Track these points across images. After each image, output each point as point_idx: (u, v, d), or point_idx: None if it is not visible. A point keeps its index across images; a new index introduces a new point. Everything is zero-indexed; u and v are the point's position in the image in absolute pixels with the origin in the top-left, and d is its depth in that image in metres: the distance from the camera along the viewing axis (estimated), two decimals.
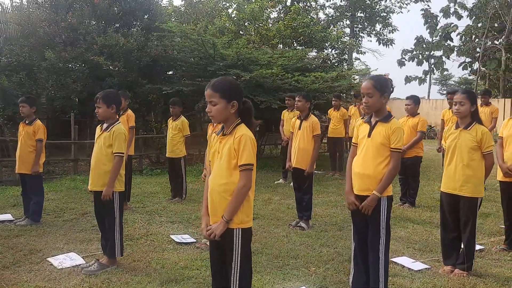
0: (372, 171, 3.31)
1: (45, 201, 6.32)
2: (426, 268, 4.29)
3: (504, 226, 5.01)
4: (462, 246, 4.14)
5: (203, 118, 13.27)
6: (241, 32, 13.96)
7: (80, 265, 4.26)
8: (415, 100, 6.93)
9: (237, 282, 2.72)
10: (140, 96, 11.25)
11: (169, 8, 13.17)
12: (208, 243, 4.87)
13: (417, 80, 37.90)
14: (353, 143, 3.58)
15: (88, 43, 10.76)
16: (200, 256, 4.62)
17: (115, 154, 4.13)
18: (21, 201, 6.14)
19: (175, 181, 7.31)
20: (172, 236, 5.25)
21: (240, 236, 2.71)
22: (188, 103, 10.63)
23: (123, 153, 4.16)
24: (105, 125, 4.24)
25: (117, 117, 4.30)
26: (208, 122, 14.29)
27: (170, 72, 13.01)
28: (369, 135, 3.37)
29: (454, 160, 4.04)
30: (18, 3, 12.08)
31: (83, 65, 10.87)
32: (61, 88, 10.59)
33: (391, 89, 3.36)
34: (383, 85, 3.32)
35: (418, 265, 4.34)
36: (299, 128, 5.79)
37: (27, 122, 5.79)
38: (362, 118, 3.52)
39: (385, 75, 4.18)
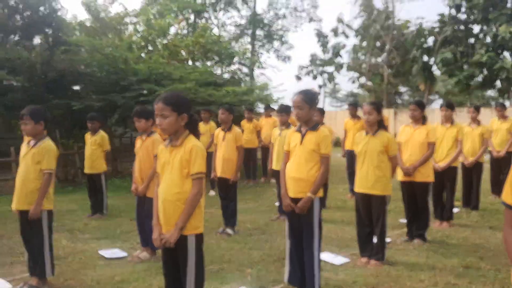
0: (305, 175, 3.72)
1: None
2: (346, 262, 4.80)
3: (405, 221, 5.77)
4: (374, 240, 4.73)
5: (115, 133, 12.97)
6: (150, 47, 13.96)
7: None
8: (321, 112, 7.61)
9: (193, 286, 2.91)
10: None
11: (74, 22, 12.75)
12: (140, 255, 4.98)
13: (317, 92, 40.32)
14: (285, 150, 3.97)
15: None
16: (134, 269, 4.67)
17: (44, 171, 4.05)
18: None
19: (95, 197, 7.16)
20: (101, 252, 5.20)
21: (194, 241, 2.92)
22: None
23: (52, 170, 4.10)
24: (32, 142, 4.14)
25: (45, 133, 4.22)
26: (120, 137, 14.02)
27: (78, 87, 12.55)
28: (301, 143, 3.78)
29: (365, 163, 4.63)
30: None
31: None
32: None
33: (317, 101, 3.83)
34: (312, 98, 3.76)
35: (339, 260, 4.84)
36: (223, 139, 6.09)
37: None
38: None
39: (312, 89, 4.67)
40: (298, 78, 39.74)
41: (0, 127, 13.37)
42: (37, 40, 11.83)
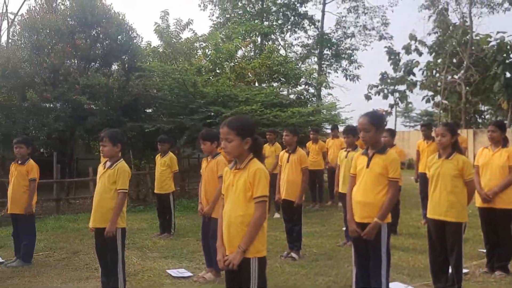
0: (372, 199, 3.59)
1: None
2: None
3: (484, 250, 5.34)
4: (450, 269, 4.42)
5: (183, 154, 13.41)
6: (217, 70, 14.39)
7: None
8: (391, 133, 7.33)
9: None
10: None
11: (147, 48, 13.49)
12: (205, 276, 5.02)
13: (384, 113, 39.31)
14: (352, 174, 3.86)
15: (70, 83, 10.87)
16: None
17: (119, 191, 4.25)
18: (9, 242, 6.09)
19: (164, 216, 7.39)
20: (169, 271, 5.33)
21: (256, 265, 2.89)
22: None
23: (126, 190, 4.30)
24: (108, 163, 4.37)
25: (120, 155, 4.45)
26: (188, 158, 14.49)
27: (150, 110, 13.20)
28: (367, 166, 3.66)
29: (438, 187, 4.37)
30: None
31: (65, 104, 10.94)
32: (41, 128, 10.57)
33: (385, 122, 3.70)
34: (378, 120, 3.65)
35: None
36: (288, 161, 6.05)
37: (19, 162, 5.82)
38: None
39: (379, 110, 4.55)
40: (368, 97, 39.01)
41: (80, 148, 14.33)
42: (114, 66, 12.63)
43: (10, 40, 12.17)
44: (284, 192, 6.03)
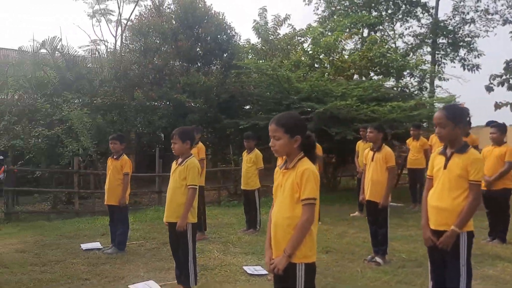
0: (449, 204, 3.18)
1: (131, 231, 6.75)
2: None
3: None
4: None
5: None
6: (316, 65, 14.13)
7: None
8: (500, 129, 6.49)
9: None
10: (219, 130, 11.76)
11: (247, 46, 13.75)
12: None
13: (509, 106, 35.25)
14: (428, 175, 3.46)
15: (172, 82, 11.55)
16: None
17: (189, 187, 4.35)
18: (109, 231, 6.63)
19: (250, 212, 7.45)
20: (245, 268, 5.33)
21: (303, 271, 2.71)
22: (263, 137, 10.89)
23: (196, 186, 4.38)
24: (180, 160, 4.50)
25: (191, 151, 4.55)
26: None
27: (248, 107, 13.46)
28: (445, 167, 3.25)
29: None
30: (112, 49, 13.36)
31: (168, 103, 11.66)
32: (148, 125, 11.39)
33: (468, 118, 3.24)
34: (457, 114, 3.21)
35: None
36: (372, 160, 5.67)
37: (115, 157, 6.30)
38: None
39: (460, 104, 4.03)
40: (489, 89, 35.28)
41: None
42: (214, 65, 13.12)
43: (122, 45, 13.30)
44: (368, 192, 5.66)
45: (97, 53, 13.08)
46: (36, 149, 9.97)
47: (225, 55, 13.11)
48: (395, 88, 13.65)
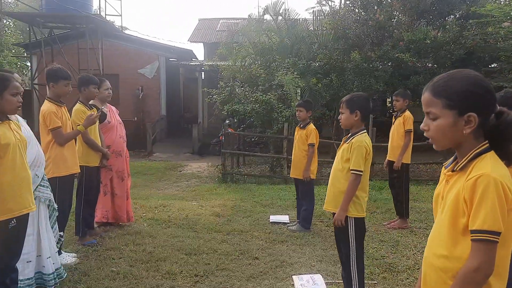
0: None
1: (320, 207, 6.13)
2: None
3: None
4: None
5: None
6: None
7: None
8: None
9: None
10: None
11: None
12: None
13: None
14: None
15: (395, 40, 10.12)
16: None
17: (351, 171, 3.34)
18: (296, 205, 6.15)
19: None
20: None
21: None
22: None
23: (361, 171, 3.32)
24: (349, 135, 3.51)
25: (363, 125, 3.48)
26: None
27: (494, 65, 10.84)
28: None
29: None
30: (334, 7, 12.64)
31: (390, 63, 10.31)
32: (364, 89, 10.37)
33: None
34: None
35: None
36: None
37: (301, 126, 5.69)
38: None
39: None
40: None
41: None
42: (449, 18, 10.91)
43: (343, 4, 12.39)
44: None
45: (320, 14, 12.59)
46: (255, 114, 10.27)
47: (464, 5, 10.70)
48: None
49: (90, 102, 5.28)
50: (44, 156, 3.75)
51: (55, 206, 3.84)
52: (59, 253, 4.34)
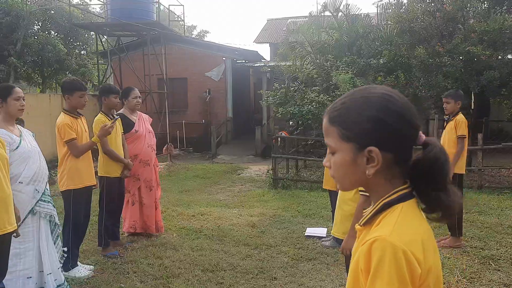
0: None
1: None
2: None
3: None
4: None
5: None
6: None
7: None
8: None
9: None
10: None
11: None
12: None
13: None
14: None
15: (466, 31, 9.06)
16: None
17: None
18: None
19: None
20: None
21: None
22: None
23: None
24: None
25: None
26: None
27: None
28: None
29: None
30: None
31: (461, 57, 9.25)
32: (431, 87, 9.43)
33: None
34: None
35: None
36: None
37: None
38: None
39: None
40: None
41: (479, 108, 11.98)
42: None
43: None
44: None
45: (388, 7, 11.70)
46: (311, 116, 9.82)
47: None
48: None
49: (119, 111, 5.29)
50: (47, 171, 3.75)
51: (57, 221, 3.82)
52: (74, 265, 4.36)
